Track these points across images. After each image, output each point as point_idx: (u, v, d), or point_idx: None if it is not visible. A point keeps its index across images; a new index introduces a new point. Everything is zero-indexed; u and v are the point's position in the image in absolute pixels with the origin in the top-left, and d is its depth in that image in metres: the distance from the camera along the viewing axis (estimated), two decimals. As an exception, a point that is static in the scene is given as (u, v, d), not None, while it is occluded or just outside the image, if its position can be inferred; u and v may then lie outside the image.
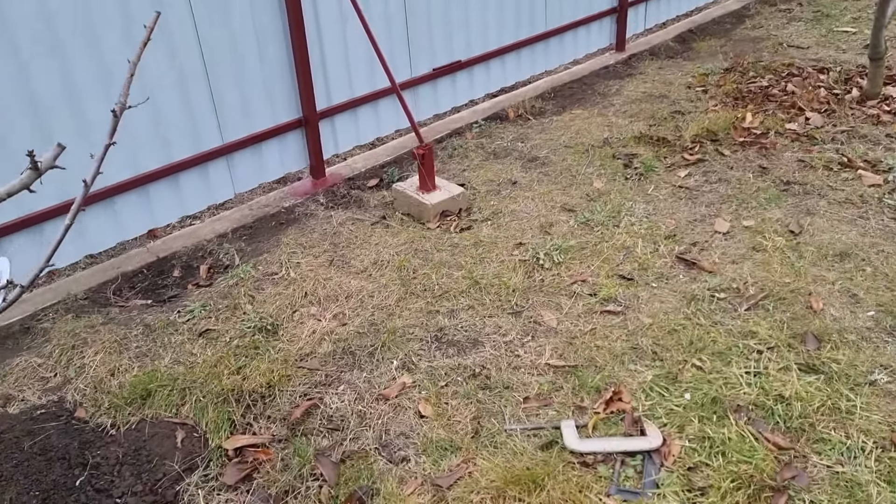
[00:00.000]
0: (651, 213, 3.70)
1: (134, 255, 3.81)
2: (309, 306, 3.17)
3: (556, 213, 3.78)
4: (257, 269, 3.51)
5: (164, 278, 3.62)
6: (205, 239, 3.91)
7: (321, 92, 4.33)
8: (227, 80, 3.87)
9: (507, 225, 3.70)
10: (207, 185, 4.01)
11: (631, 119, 4.87)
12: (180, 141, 3.79)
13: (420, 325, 2.95)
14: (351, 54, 4.41)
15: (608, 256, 3.35)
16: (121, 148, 3.56)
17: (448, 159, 4.57)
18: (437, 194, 3.83)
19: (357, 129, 4.67)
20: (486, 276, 3.25)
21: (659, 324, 2.86)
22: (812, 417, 2.35)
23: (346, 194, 4.26)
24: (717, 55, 6.06)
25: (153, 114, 3.63)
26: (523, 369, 2.68)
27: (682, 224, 3.58)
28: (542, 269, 3.28)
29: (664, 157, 4.28)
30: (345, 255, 3.55)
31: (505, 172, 4.29)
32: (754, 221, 3.53)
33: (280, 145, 4.28)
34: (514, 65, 5.58)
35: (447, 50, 4.99)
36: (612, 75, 5.91)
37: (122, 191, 3.66)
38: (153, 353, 2.98)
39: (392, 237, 3.67)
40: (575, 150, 4.48)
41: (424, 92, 4.98)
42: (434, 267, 3.35)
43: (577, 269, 3.27)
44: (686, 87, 5.33)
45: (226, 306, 3.24)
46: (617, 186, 4.00)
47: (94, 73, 3.35)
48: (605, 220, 3.65)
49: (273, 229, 3.94)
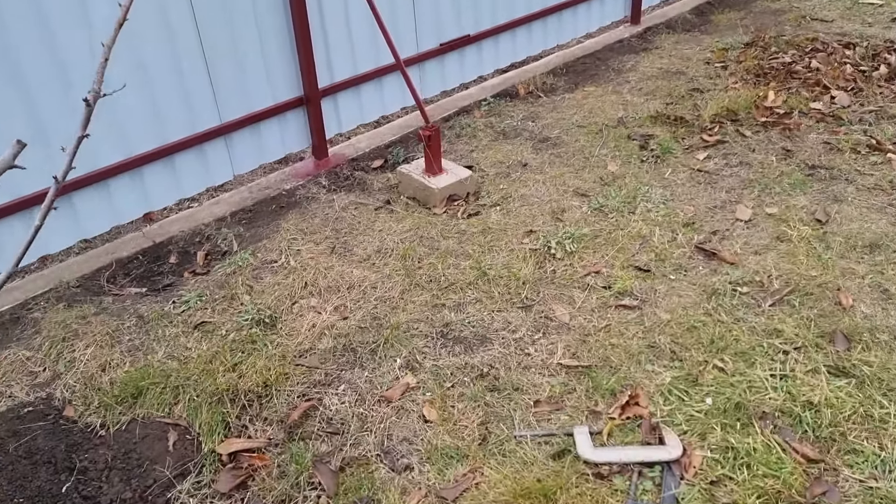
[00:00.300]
0: (668, 198, 3.52)
1: (129, 240, 3.67)
2: (309, 298, 3.02)
3: (569, 198, 3.61)
4: (256, 257, 3.36)
5: (159, 265, 3.48)
6: (203, 223, 3.76)
7: (323, 69, 4.14)
8: (224, 58, 3.68)
9: (517, 210, 3.53)
10: (205, 166, 3.86)
11: (647, 97, 4.66)
12: (176, 121, 3.62)
13: (425, 319, 2.81)
14: (354, 29, 4.21)
15: (623, 246, 3.18)
16: (113, 129, 3.40)
17: (455, 139, 4.39)
18: (443, 178, 3.66)
19: (361, 108, 4.48)
20: (494, 266, 3.09)
21: (678, 320, 2.71)
22: (843, 426, 2.20)
23: (350, 176, 4.09)
24: (736, 28, 5.81)
25: (147, 93, 3.46)
26: (534, 369, 2.53)
27: (701, 211, 3.41)
28: (554, 260, 3.12)
29: (682, 139, 4.08)
30: (347, 242, 3.40)
31: (515, 154, 4.11)
32: (778, 209, 3.34)
33: (280, 125, 4.10)
34: (525, 39, 5.35)
35: (455, 23, 4.78)
36: (626, 50, 5.68)
37: (116, 173, 3.50)
38: (146, 346, 2.85)
39: (396, 223, 3.51)
40: (588, 131, 4.29)
41: (431, 68, 4.77)
42: (440, 256, 3.19)
43: (591, 260, 3.11)
44: (704, 63, 5.10)
45: (223, 297, 3.10)
46: (632, 170, 3.82)
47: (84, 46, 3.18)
48: (619, 206, 3.47)
49: (273, 213, 3.78)
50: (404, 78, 3.65)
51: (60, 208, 3.36)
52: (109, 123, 3.37)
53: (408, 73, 3.65)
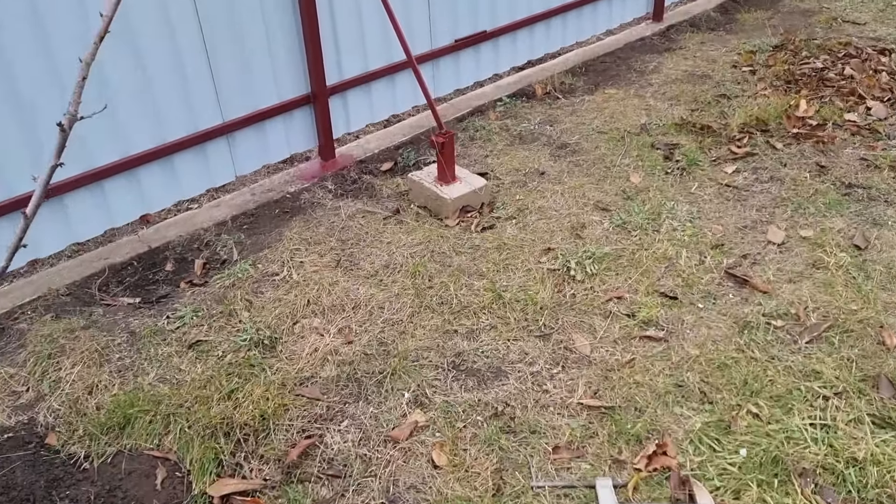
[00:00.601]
0: (695, 215, 3.31)
1: (124, 245, 3.48)
2: (311, 317, 2.84)
3: (589, 211, 3.41)
4: (256, 268, 3.17)
5: (155, 272, 3.29)
6: (202, 227, 3.57)
7: (332, 65, 3.93)
8: (228, 54, 3.48)
9: (534, 225, 3.33)
10: (206, 166, 3.66)
11: (671, 102, 4.44)
12: (175, 120, 3.43)
13: (435, 347, 2.62)
14: (366, 25, 3.99)
15: (648, 268, 2.98)
16: (107, 128, 3.21)
17: (469, 142, 4.18)
18: (456, 187, 3.45)
19: (371, 106, 4.27)
20: (510, 288, 2.90)
21: (707, 356, 2.51)
22: (890, 487, 2.02)
23: (357, 179, 3.89)
24: (763, 29, 5.56)
25: (145, 91, 3.26)
26: (552, 409, 2.35)
27: (730, 231, 3.20)
28: (574, 282, 2.92)
29: (709, 149, 3.86)
30: (353, 255, 3.21)
31: (532, 160, 3.90)
32: (813, 231, 3.14)
33: (286, 124, 3.90)
34: (544, 35, 5.12)
35: (471, 19, 4.55)
36: (648, 49, 5.45)
37: (111, 174, 3.31)
38: (137, 367, 2.67)
39: (406, 235, 3.32)
40: (609, 137, 4.08)
41: (445, 65, 4.56)
42: (452, 275, 3.00)
43: (613, 283, 2.91)
44: (731, 67, 4.87)
45: (220, 312, 2.92)
46: (656, 182, 3.61)
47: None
48: (643, 222, 3.27)
49: (276, 219, 3.59)
50: (417, 79, 3.44)
51: (51, 210, 3.18)
52: (105, 122, 3.18)
53: (421, 74, 3.44)
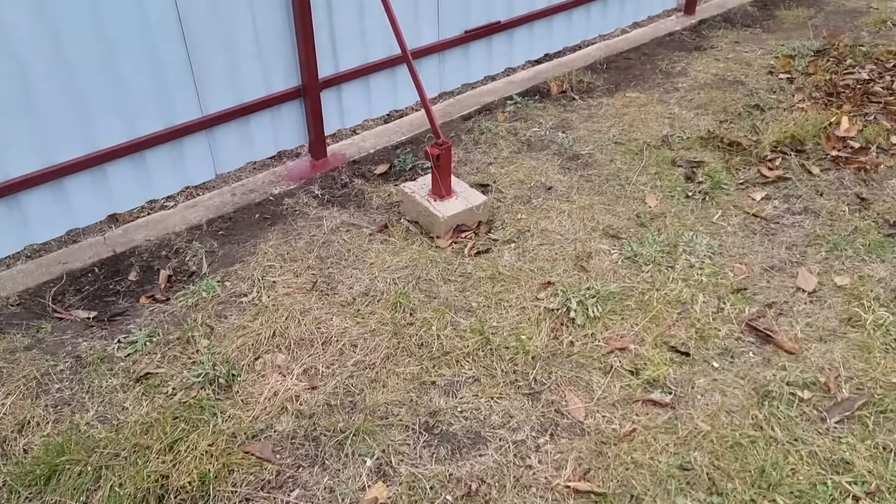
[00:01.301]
0: (716, 250, 2.95)
1: (87, 247, 3.19)
2: (276, 352, 2.53)
3: (597, 238, 3.06)
4: (224, 286, 2.87)
5: (117, 281, 3.00)
6: (174, 231, 3.27)
7: (326, 56, 3.57)
8: (209, 42, 3.14)
9: (535, 251, 2.99)
10: (182, 163, 3.34)
11: (697, 111, 4.04)
12: (148, 112, 3.10)
13: (408, 402, 2.30)
14: (367, 12, 3.62)
15: (658, 314, 2.64)
16: (72, 120, 2.90)
17: (473, 146, 3.82)
18: (451, 203, 3.11)
19: (369, 100, 3.92)
20: (500, 329, 2.57)
21: (719, 431, 2.18)
22: None
23: (347, 184, 3.56)
24: (804, 30, 5.11)
25: (112, 80, 2.94)
26: (535, 490, 2.03)
27: (755, 272, 2.84)
28: (573, 326, 2.59)
29: (736, 170, 3.48)
30: (331, 277, 2.89)
31: (539, 172, 3.55)
32: (849, 279, 2.77)
33: (273, 119, 3.57)
34: (564, 27, 4.72)
35: (484, 8, 4.16)
36: (676, 45, 5.02)
37: (74, 171, 3.01)
38: (77, 401, 2.39)
39: (392, 256, 2.99)
40: (626, 149, 3.70)
41: (453, 58, 4.18)
42: (437, 309, 2.67)
43: (618, 330, 2.58)
44: (767, 72, 4.44)
45: (177, 339, 2.62)
46: (675, 207, 3.24)
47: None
48: (657, 255, 2.92)
49: (254, 226, 3.27)
50: (413, 79, 3.09)
51: (6, 208, 2.90)
52: (68, 113, 2.87)
53: (417, 73, 3.09)
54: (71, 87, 2.83)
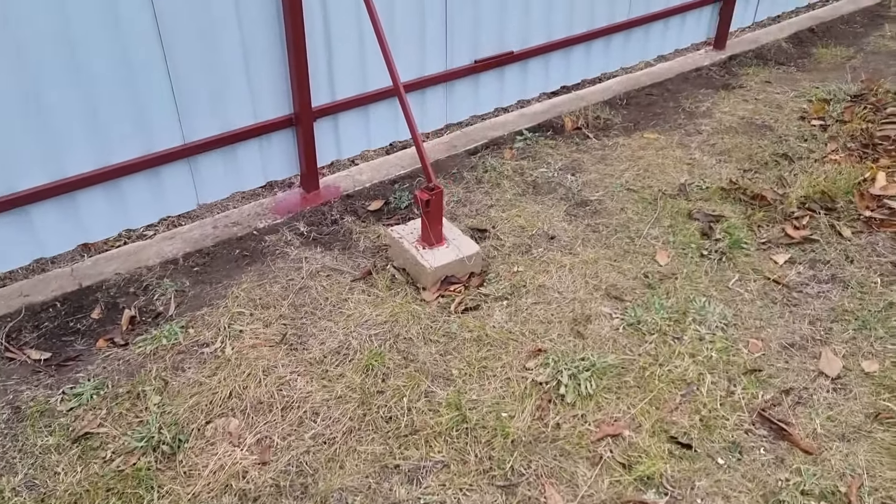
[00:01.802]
0: (730, 321, 2.66)
1: (53, 279, 2.99)
2: (229, 416, 2.29)
3: (599, 299, 2.78)
4: (187, 333, 2.64)
5: (78, 318, 2.79)
6: (146, 265, 3.06)
7: (322, 84, 3.36)
8: (194, 67, 2.94)
9: (529, 311, 2.72)
10: (161, 193, 3.14)
11: (720, 158, 3.75)
12: (124, 139, 2.91)
13: (365, 489, 2.04)
14: (367, 40, 3.40)
15: (659, 394, 2.35)
16: (40, 144, 2.70)
17: (475, 185, 3.57)
18: (441, 252, 2.86)
19: (368, 130, 3.69)
20: (480, 405, 2.31)
21: (719, 548, 1.89)
22: None
23: (337, 221, 3.32)
24: (842, 71, 4.79)
25: (85, 103, 2.74)
26: None
27: (772, 349, 2.54)
28: (562, 405, 2.31)
29: (758, 227, 3.18)
30: (303, 330, 2.65)
31: (543, 218, 3.28)
32: (879, 365, 2.46)
33: (262, 148, 3.35)
34: (583, 59, 4.45)
35: (497, 37, 3.92)
36: (703, 82, 4.73)
37: (39, 199, 2.81)
38: (6, 461, 2.17)
39: (372, 307, 2.74)
40: (639, 197, 3.42)
41: (462, 88, 3.94)
42: (412, 376, 2.41)
43: (612, 411, 2.29)
44: (799, 117, 4.14)
45: (126, 393, 2.39)
46: (688, 266, 2.95)
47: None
48: (663, 323, 2.63)
49: (232, 263, 3.05)
50: (405, 113, 2.85)
51: (-34, 235, 2.71)
52: (36, 137, 2.68)
53: (409, 107, 2.86)
54: (36, 109, 2.64)
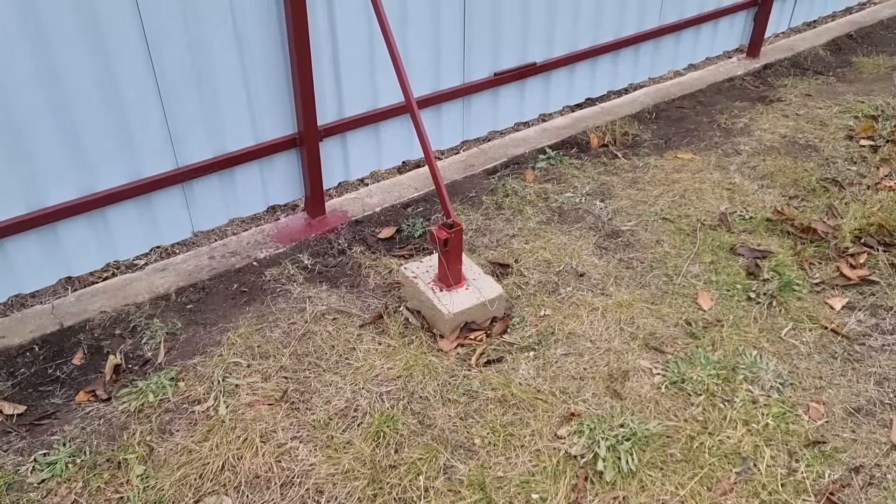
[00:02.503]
0: (786, 380, 2.36)
1: (31, 318, 2.72)
2: (221, 493, 2.01)
3: (636, 350, 2.48)
4: (177, 387, 2.36)
5: (58, 365, 2.52)
6: (135, 302, 2.78)
7: (330, 101, 3.08)
8: (187, 83, 2.65)
9: (559, 364, 2.43)
10: (152, 221, 2.86)
11: (763, 183, 3.44)
12: (109, 163, 2.63)
13: None
14: (378, 53, 3.11)
15: (711, 471, 2.06)
16: (14, 169, 2.43)
17: (494, 211, 3.27)
18: (460, 295, 2.57)
19: (378, 150, 3.40)
20: (506, 484, 2.02)
21: None
22: None
23: (344, 251, 3.04)
24: (887, 82, 4.47)
25: (64, 125, 2.46)
26: None
27: (836, 416, 2.24)
28: (600, 483, 2.02)
29: (810, 265, 2.88)
30: (306, 385, 2.36)
31: (570, 251, 2.98)
32: (961, 437, 2.16)
33: (263, 171, 3.07)
34: (609, 69, 4.15)
35: (518, 48, 3.62)
36: (738, 94, 4.41)
37: (15, 231, 2.53)
38: (-35, 548, 1.90)
39: (384, 358, 2.46)
40: (676, 228, 3.12)
41: (480, 102, 3.64)
42: (429, 447, 2.12)
43: (657, 493, 2.00)
44: (845, 136, 3.82)
45: (106, 461, 2.12)
46: (734, 311, 2.65)
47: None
48: (710, 382, 2.34)
49: (228, 302, 2.77)
50: (419, 135, 2.56)
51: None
52: (9, 163, 2.40)
53: (423, 129, 2.57)
54: (13, 133, 2.36)
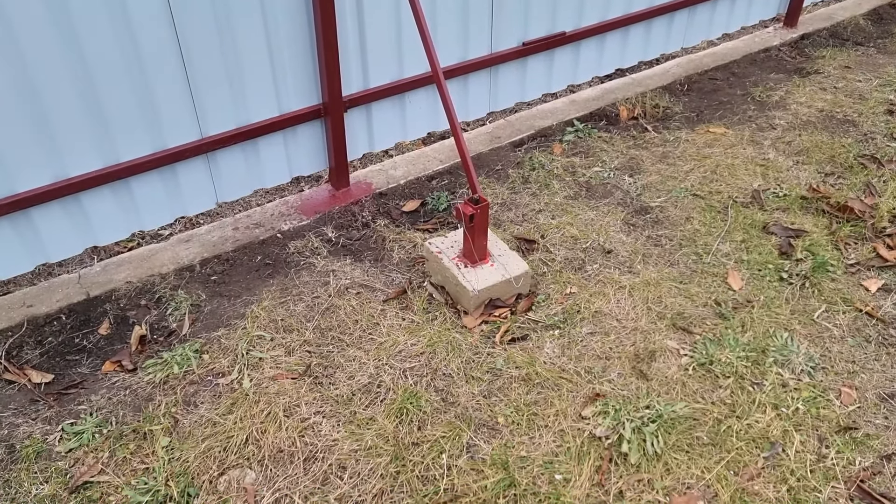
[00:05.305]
0: (818, 363, 2.31)
1: (58, 287, 2.74)
2: (245, 467, 2.02)
3: (663, 330, 2.44)
4: (202, 360, 2.37)
5: (85, 334, 2.55)
6: (160, 272, 2.79)
7: (354, 71, 3.03)
8: (210, 54, 2.62)
9: (584, 343, 2.40)
10: (177, 191, 2.86)
11: (797, 159, 3.34)
12: (133, 135, 2.62)
13: (398, 572, 1.77)
14: (405, 23, 3.04)
15: (738, 455, 2.03)
16: (39, 142, 2.43)
17: (521, 185, 3.22)
18: (485, 272, 2.54)
19: (404, 121, 3.35)
20: (530, 464, 2.00)
21: None
22: None
23: (368, 224, 3.01)
24: (931, 54, 4.30)
25: (89, 96, 2.45)
26: None
27: (868, 401, 2.19)
28: (625, 465, 2.00)
29: (845, 245, 2.80)
30: (329, 359, 2.36)
31: (598, 227, 2.93)
32: None
33: (287, 141, 3.04)
34: (641, 38, 4.04)
35: (547, 17, 3.53)
36: (774, 65, 4.28)
37: (39, 201, 2.54)
38: (-4, 514, 1.93)
39: (407, 334, 2.44)
40: (707, 205, 3.05)
41: (507, 73, 3.57)
42: (452, 425, 2.12)
43: (682, 476, 1.98)
44: (885, 111, 3.69)
45: (132, 432, 2.14)
46: (765, 292, 2.59)
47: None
48: (739, 364, 2.29)
49: (253, 274, 2.77)
50: (445, 108, 2.51)
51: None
52: (34, 133, 2.40)
53: (450, 101, 2.52)
54: (35, 103, 2.35)
